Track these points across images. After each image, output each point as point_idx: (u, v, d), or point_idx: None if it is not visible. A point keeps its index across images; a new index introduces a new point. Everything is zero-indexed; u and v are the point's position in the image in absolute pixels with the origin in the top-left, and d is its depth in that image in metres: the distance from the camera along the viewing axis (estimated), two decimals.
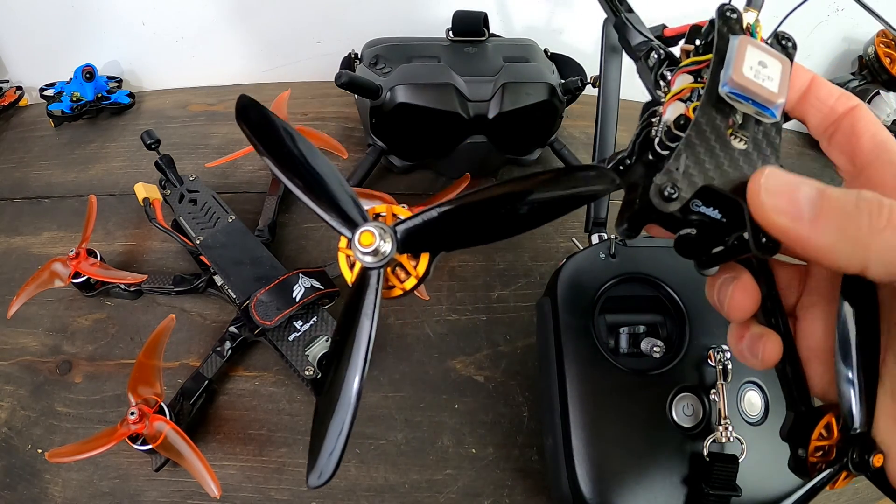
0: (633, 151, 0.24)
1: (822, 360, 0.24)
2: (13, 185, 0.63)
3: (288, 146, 0.26)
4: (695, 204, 0.22)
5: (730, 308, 0.25)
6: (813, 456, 0.23)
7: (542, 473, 0.45)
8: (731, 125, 0.22)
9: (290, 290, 0.47)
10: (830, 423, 0.23)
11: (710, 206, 0.22)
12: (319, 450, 0.22)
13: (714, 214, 0.22)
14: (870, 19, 0.39)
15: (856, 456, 0.21)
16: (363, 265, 0.23)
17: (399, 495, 0.44)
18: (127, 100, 0.69)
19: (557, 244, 0.58)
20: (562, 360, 0.38)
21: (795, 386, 0.24)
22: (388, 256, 0.23)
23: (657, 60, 0.26)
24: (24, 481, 0.44)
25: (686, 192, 0.21)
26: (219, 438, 0.46)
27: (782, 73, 0.21)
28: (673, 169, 0.21)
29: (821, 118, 0.24)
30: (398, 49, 0.58)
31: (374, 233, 0.22)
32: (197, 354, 0.50)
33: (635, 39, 0.28)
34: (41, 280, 0.50)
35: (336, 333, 0.25)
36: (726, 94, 0.21)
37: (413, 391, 0.49)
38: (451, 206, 0.23)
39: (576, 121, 0.67)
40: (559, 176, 0.23)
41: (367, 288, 0.23)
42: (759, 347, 0.24)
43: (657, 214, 0.22)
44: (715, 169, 0.21)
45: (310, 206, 0.25)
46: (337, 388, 0.23)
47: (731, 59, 0.21)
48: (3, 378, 0.49)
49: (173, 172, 0.55)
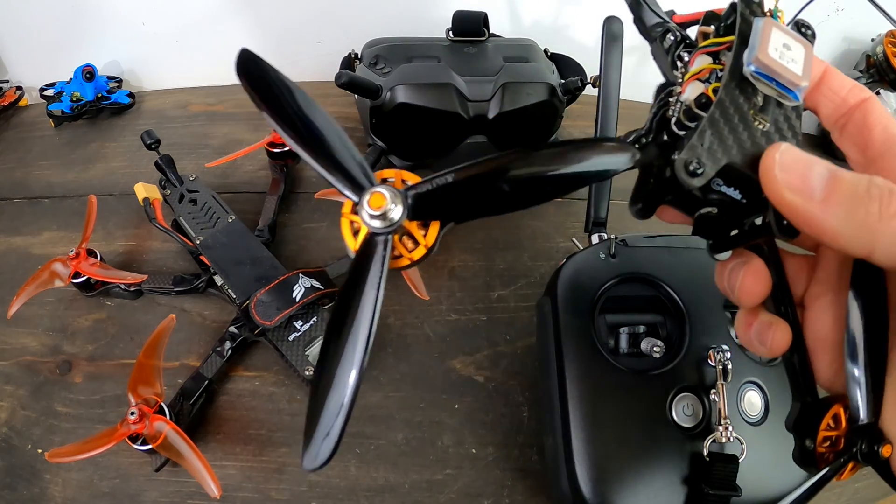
0: (650, 129, 0.23)
1: (829, 350, 0.24)
2: (13, 185, 0.63)
3: (290, 103, 0.24)
4: (716, 183, 0.22)
5: (741, 292, 0.24)
6: (821, 446, 0.23)
7: (542, 473, 0.45)
8: (753, 107, 0.21)
9: (290, 290, 0.47)
10: (838, 413, 0.23)
11: (731, 185, 0.22)
12: (315, 430, 0.20)
13: (734, 195, 0.22)
14: (870, 19, 0.39)
15: (864, 446, 0.21)
16: (370, 231, 0.21)
17: (399, 495, 0.44)
18: (127, 100, 0.69)
19: (557, 244, 0.58)
20: (562, 360, 0.38)
21: (802, 376, 0.24)
22: (399, 222, 0.21)
23: (673, 42, 0.25)
24: (24, 481, 0.44)
25: (710, 169, 0.21)
26: (219, 438, 0.46)
27: (806, 57, 0.21)
28: (698, 145, 0.21)
29: (833, 108, 0.24)
30: (398, 49, 0.58)
31: (386, 195, 0.21)
32: (197, 354, 0.50)
33: (650, 20, 0.27)
34: (41, 280, 0.50)
35: (336, 305, 0.22)
36: (751, 73, 0.21)
37: (413, 391, 0.49)
38: (466, 171, 0.22)
39: (576, 121, 0.67)
40: (581, 146, 0.23)
41: (373, 256, 0.21)
42: (768, 335, 0.24)
43: (673, 194, 0.22)
44: (738, 148, 0.21)
45: (313, 166, 0.23)
46: (336, 364, 0.21)
47: (756, 39, 0.21)
48: (3, 378, 0.49)
49: (173, 172, 0.55)
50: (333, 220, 0.59)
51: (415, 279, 0.49)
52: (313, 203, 0.59)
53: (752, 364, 0.38)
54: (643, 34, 0.28)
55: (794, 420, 0.24)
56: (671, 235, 0.43)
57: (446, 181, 0.22)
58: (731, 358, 0.36)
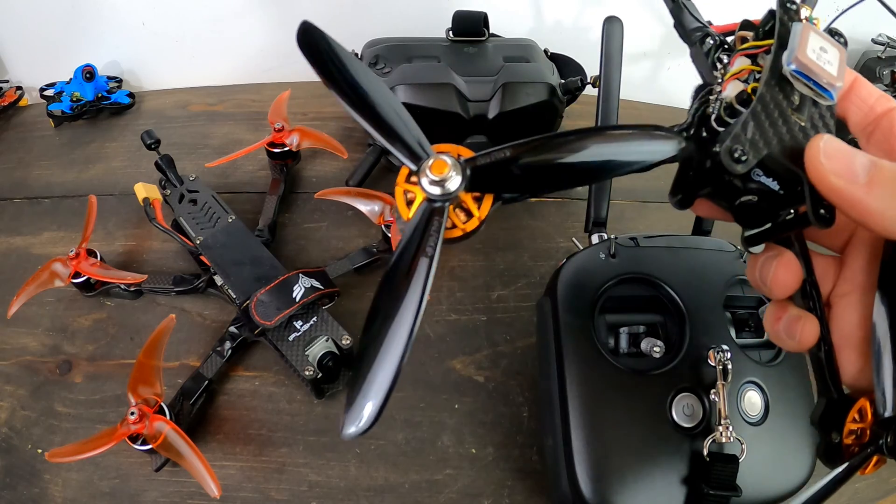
0: (691, 124, 0.25)
1: (854, 347, 0.25)
2: (13, 185, 0.63)
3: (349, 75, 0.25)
4: (755, 173, 0.23)
5: (773, 284, 0.25)
6: (846, 439, 0.24)
7: (542, 473, 0.45)
8: (790, 105, 0.23)
9: (290, 290, 0.47)
10: (864, 407, 0.23)
11: (770, 176, 0.23)
12: (358, 394, 0.20)
13: (773, 185, 0.23)
14: (869, 21, 0.39)
15: (890, 440, 0.22)
16: (428, 197, 0.22)
17: (399, 495, 0.44)
18: (127, 100, 0.69)
19: (557, 244, 0.58)
20: (562, 360, 0.38)
21: (829, 371, 0.25)
22: (456, 191, 0.22)
23: (713, 45, 0.27)
24: (24, 481, 0.44)
25: (753, 158, 0.22)
26: (219, 438, 0.46)
27: (840, 60, 0.23)
28: (742, 134, 0.22)
29: (861, 116, 0.25)
30: (398, 49, 0.58)
31: (448, 162, 0.22)
32: (197, 354, 0.50)
33: (690, 24, 0.29)
34: (41, 280, 0.50)
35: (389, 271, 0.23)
36: (790, 72, 0.22)
37: (413, 391, 0.49)
38: (525, 146, 0.23)
39: (576, 121, 0.67)
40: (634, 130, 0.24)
41: (429, 224, 0.22)
42: (797, 329, 0.25)
43: (713, 185, 0.23)
44: (777, 141, 0.22)
45: (373, 134, 0.24)
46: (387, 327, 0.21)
47: (795, 41, 0.22)
48: (3, 378, 0.49)
49: (173, 172, 0.55)
50: (333, 220, 0.59)
51: None
52: (313, 203, 0.59)
53: (752, 364, 0.38)
54: (683, 37, 0.30)
55: (819, 415, 0.25)
56: (671, 235, 0.43)
57: (505, 156, 0.22)
58: (731, 358, 0.36)
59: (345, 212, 0.58)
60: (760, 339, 0.40)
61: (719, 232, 0.46)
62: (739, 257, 0.42)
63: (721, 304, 0.39)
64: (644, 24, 0.69)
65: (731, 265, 0.41)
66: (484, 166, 0.23)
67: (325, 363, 0.46)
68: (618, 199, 0.53)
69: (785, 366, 0.38)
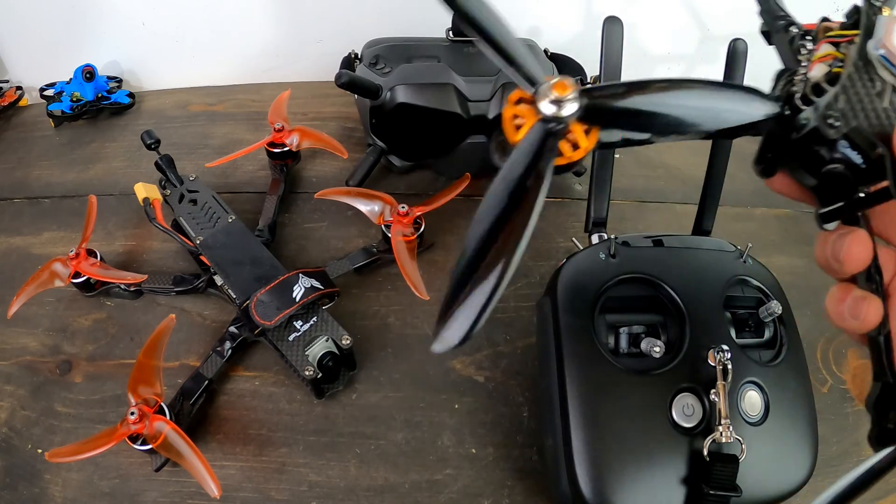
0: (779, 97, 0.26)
1: None
2: (13, 185, 0.63)
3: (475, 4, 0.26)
4: (842, 145, 0.24)
5: (846, 258, 0.26)
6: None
7: (542, 473, 0.45)
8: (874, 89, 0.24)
9: (290, 290, 0.47)
10: None
11: (855, 149, 0.24)
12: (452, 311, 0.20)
13: (856, 158, 0.24)
14: None
15: None
16: (543, 117, 0.22)
17: (399, 495, 0.44)
18: (127, 100, 0.69)
19: (557, 244, 0.58)
20: (562, 360, 0.38)
21: (887, 356, 0.25)
22: (572, 116, 0.22)
23: (797, 33, 0.29)
24: (24, 481, 0.44)
25: (844, 126, 0.24)
26: (219, 438, 0.46)
27: None
28: (834, 103, 0.24)
29: None
30: (398, 49, 0.58)
31: (570, 83, 0.22)
32: (197, 354, 0.50)
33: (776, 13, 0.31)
34: (41, 280, 0.50)
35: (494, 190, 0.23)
36: (877, 56, 0.24)
37: (413, 391, 0.49)
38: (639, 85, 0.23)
39: None
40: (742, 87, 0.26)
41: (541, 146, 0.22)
42: (861, 309, 0.26)
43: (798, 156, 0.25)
44: (864, 116, 0.24)
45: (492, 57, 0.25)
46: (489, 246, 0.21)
47: (882, 30, 0.24)
48: (3, 378, 0.49)
49: (173, 172, 0.55)
50: (333, 220, 0.59)
51: (415, 278, 0.49)
52: (313, 203, 0.59)
53: (752, 364, 0.38)
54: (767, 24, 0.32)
55: (874, 399, 0.25)
56: (671, 235, 0.43)
57: (621, 90, 0.23)
58: (731, 358, 0.36)
59: (345, 212, 0.58)
60: (760, 339, 0.40)
61: (719, 232, 0.46)
62: (739, 257, 0.42)
63: (721, 304, 0.39)
64: (644, 25, 0.69)
65: (732, 265, 0.41)
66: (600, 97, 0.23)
67: (325, 363, 0.46)
68: (618, 199, 0.53)
69: (785, 366, 0.38)
